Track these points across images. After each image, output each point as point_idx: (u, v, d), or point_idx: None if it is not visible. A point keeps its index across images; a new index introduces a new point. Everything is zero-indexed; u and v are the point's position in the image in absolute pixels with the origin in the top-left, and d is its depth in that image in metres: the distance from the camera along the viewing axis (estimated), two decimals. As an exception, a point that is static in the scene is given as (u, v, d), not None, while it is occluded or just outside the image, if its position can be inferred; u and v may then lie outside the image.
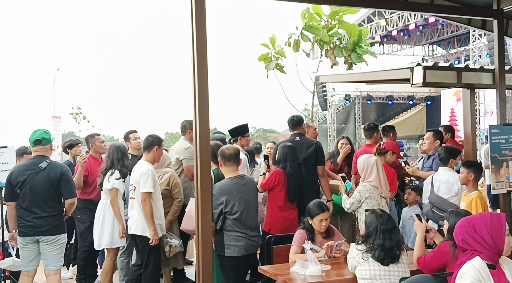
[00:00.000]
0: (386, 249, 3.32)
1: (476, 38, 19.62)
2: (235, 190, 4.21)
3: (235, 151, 4.40)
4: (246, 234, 4.18)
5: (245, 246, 4.17)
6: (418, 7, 5.75)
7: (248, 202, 4.25)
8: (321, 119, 29.11)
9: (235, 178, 4.31)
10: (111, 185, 4.93)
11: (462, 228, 2.70)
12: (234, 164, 4.34)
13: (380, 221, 3.42)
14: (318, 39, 8.91)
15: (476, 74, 5.65)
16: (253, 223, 4.30)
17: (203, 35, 3.92)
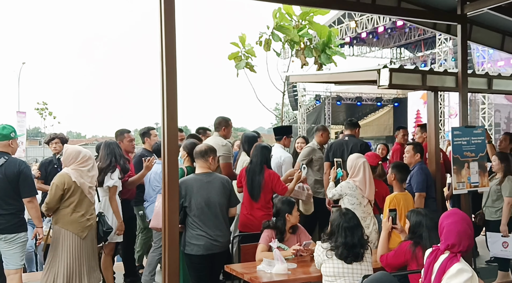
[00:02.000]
0: (348, 247, 3.37)
1: (442, 42, 20.16)
2: (196, 187, 4.12)
3: (205, 148, 4.32)
4: (207, 234, 4.05)
5: (205, 246, 4.05)
6: (385, 10, 5.87)
7: (209, 200, 4.10)
8: (291, 119, 29.34)
9: (200, 174, 4.23)
10: (113, 182, 4.92)
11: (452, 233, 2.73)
12: (202, 161, 4.25)
13: (343, 219, 3.47)
14: (288, 39, 8.99)
15: (440, 77, 5.80)
16: (217, 222, 4.13)
17: (171, 32, 3.87)
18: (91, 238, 4.37)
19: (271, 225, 4.14)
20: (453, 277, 2.57)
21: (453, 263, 2.61)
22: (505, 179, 5.25)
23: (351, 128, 6.07)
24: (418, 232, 3.50)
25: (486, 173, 5.58)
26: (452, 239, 2.66)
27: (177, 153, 4.00)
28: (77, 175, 4.28)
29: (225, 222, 4.25)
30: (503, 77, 6.37)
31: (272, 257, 3.75)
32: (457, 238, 2.66)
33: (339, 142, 6.01)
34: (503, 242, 5.16)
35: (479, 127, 5.65)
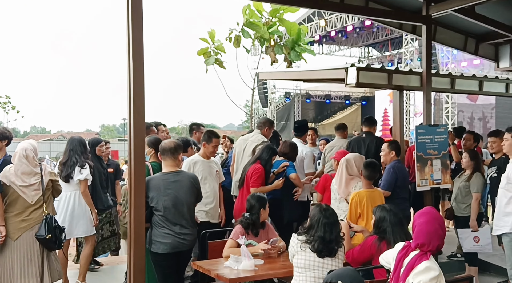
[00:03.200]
0: (325, 242, 3.41)
1: (408, 42, 20.62)
2: (163, 186, 4.05)
3: (171, 145, 4.22)
4: (174, 232, 4.01)
5: (171, 244, 4.01)
6: (353, 9, 5.96)
7: (177, 199, 4.05)
8: (261, 116, 29.40)
9: (167, 174, 4.15)
10: (84, 176, 5.00)
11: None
12: (169, 159, 4.17)
13: (323, 214, 3.50)
14: (258, 35, 9.02)
15: (405, 76, 5.95)
16: (184, 221, 4.09)
17: (139, 26, 3.81)
18: (27, 240, 4.13)
19: (244, 220, 4.15)
20: (420, 273, 2.64)
21: (422, 260, 2.68)
22: (473, 176, 5.37)
23: (368, 126, 6.30)
24: (382, 227, 3.58)
25: (448, 170, 5.76)
26: (422, 239, 2.72)
27: (143, 149, 3.95)
28: (8, 174, 4.13)
29: (192, 220, 4.23)
30: (465, 77, 6.58)
31: (240, 254, 3.75)
32: (427, 238, 2.72)
33: (357, 139, 6.37)
34: (474, 237, 5.29)
35: (442, 126, 5.82)
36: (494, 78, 6.83)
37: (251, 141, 5.75)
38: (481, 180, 5.35)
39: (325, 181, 5.29)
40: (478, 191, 5.30)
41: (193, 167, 4.93)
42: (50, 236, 4.19)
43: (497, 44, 7.30)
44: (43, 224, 4.19)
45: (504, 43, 7.22)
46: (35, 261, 4.16)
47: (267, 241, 4.03)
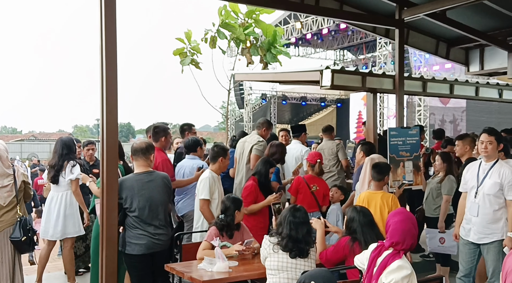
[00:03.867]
0: (293, 240, 3.43)
1: (382, 45, 20.92)
2: (137, 187, 4.00)
3: (143, 146, 4.16)
4: (148, 232, 3.99)
5: (146, 245, 3.98)
6: (328, 12, 6.02)
7: (151, 199, 4.02)
8: (237, 117, 29.40)
9: (141, 174, 4.10)
10: (75, 176, 5.06)
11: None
12: (141, 159, 4.11)
13: (291, 213, 3.54)
14: (234, 37, 8.99)
15: (379, 79, 6.04)
16: (158, 221, 4.06)
17: (112, 26, 3.76)
18: None
19: (219, 222, 4.13)
20: (392, 272, 2.69)
21: (395, 259, 2.73)
22: (445, 178, 5.48)
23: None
24: (352, 227, 3.63)
25: (420, 172, 5.86)
26: (397, 237, 2.78)
27: (116, 150, 3.90)
28: None
29: (166, 220, 4.21)
30: (436, 81, 6.73)
31: (214, 256, 3.73)
32: (402, 236, 2.78)
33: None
34: (440, 238, 5.38)
35: (414, 128, 5.92)
36: (464, 82, 7.00)
37: (248, 142, 5.83)
38: (453, 182, 5.47)
39: (298, 183, 5.25)
40: (449, 193, 5.41)
41: (217, 182, 4.79)
42: (25, 238, 4.15)
43: (468, 48, 7.50)
44: (17, 226, 4.12)
45: (474, 48, 7.42)
46: (6, 263, 4.08)
47: (242, 242, 4.02)
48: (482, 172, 4.25)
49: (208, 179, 4.67)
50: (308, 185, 5.15)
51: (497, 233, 4.16)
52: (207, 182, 4.65)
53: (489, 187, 4.16)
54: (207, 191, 4.60)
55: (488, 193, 4.16)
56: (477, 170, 4.31)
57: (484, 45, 7.16)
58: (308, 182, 5.17)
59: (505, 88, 7.44)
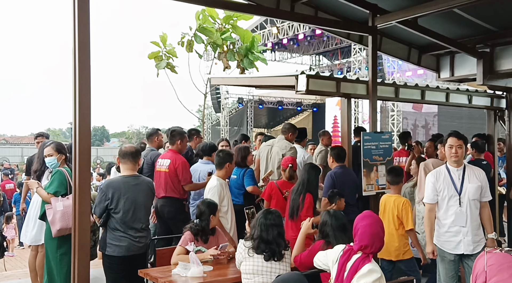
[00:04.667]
0: (264, 241, 3.46)
1: (356, 51, 21.26)
2: (124, 189, 4.10)
3: (132, 150, 4.30)
4: (129, 235, 4.07)
5: (127, 247, 4.07)
6: (303, 18, 6.09)
7: (136, 202, 4.12)
8: (214, 121, 29.32)
9: (127, 177, 4.20)
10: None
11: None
12: (129, 162, 4.22)
13: (263, 215, 3.59)
14: (211, 41, 9.02)
15: (353, 85, 6.12)
16: (140, 224, 4.16)
17: (85, 28, 3.71)
18: None
19: (193, 227, 4.12)
20: (363, 276, 2.72)
21: (365, 263, 2.77)
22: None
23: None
24: (324, 231, 3.67)
25: (392, 176, 5.96)
26: (366, 241, 2.82)
27: (89, 154, 3.84)
28: None
29: (147, 224, 4.30)
30: (408, 87, 6.86)
31: (189, 260, 3.72)
32: (371, 239, 2.82)
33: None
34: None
35: (387, 133, 6.03)
36: (435, 88, 7.15)
37: (277, 147, 5.93)
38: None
39: (271, 189, 5.20)
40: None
41: (225, 188, 4.83)
42: None
43: (438, 55, 7.66)
44: None
45: (444, 54, 7.58)
46: None
47: (217, 247, 4.02)
48: (457, 178, 4.01)
49: (216, 188, 4.71)
50: (281, 191, 5.15)
51: (483, 238, 4.01)
52: (216, 191, 4.69)
53: (474, 192, 3.95)
54: (217, 199, 4.61)
55: (473, 198, 3.96)
56: (449, 177, 4.04)
57: (454, 52, 7.33)
58: (280, 188, 5.17)
59: (474, 94, 7.64)
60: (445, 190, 4.03)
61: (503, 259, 1.90)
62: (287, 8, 5.73)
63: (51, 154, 4.73)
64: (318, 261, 3.16)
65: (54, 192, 4.55)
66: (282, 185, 5.20)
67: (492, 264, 1.90)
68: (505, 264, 1.88)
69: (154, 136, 6.21)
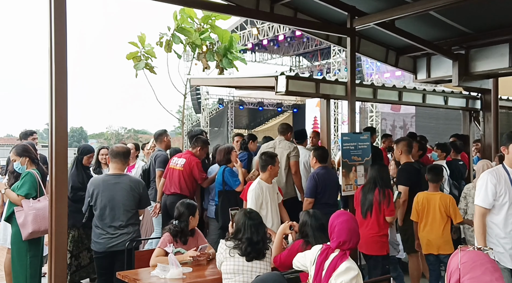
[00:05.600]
0: (253, 243, 3.47)
1: (336, 53, 21.43)
2: (103, 186, 4.27)
3: (124, 150, 4.42)
4: (107, 233, 4.20)
5: (104, 244, 4.21)
6: (282, 19, 6.11)
7: (113, 200, 4.22)
8: (194, 122, 29.18)
9: (109, 175, 4.38)
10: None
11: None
12: (120, 162, 4.36)
13: (248, 217, 3.58)
14: (190, 41, 8.96)
15: (332, 85, 6.18)
16: (119, 222, 4.25)
17: (62, 27, 3.65)
18: None
19: (172, 228, 4.09)
20: (341, 274, 2.76)
21: (343, 261, 2.80)
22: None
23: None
24: (304, 231, 3.69)
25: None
26: (344, 237, 2.86)
27: (66, 155, 3.78)
28: None
29: (129, 222, 4.31)
30: (386, 88, 6.97)
31: (168, 262, 3.69)
32: (348, 235, 2.87)
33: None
34: None
35: (365, 133, 6.10)
36: (412, 89, 7.28)
37: (281, 148, 5.93)
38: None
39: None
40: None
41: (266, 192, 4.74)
42: None
43: (415, 57, 7.79)
44: None
45: (421, 56, 7.72)
46: None
47: (196, 248, 4.00)
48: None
49: (255, 191, 4.67)
50: None
51: None
52: (253, 194, 4.66)
53: None
54: (253, 203, 4.61)
55: None
56: (509, 181, 3.56)
57: (431, 54, 7.47)
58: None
59: (450, 95, 7.80)
60: (506, 195, 3.54)
61: (476, 257, 1.94)
62: (266, 9, 5.75)
63: (14, 159, 4.67)
64: (297, 262, 3.19)
65: (25, 194, 4.48)
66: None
67: (465, 261, 1.94)
68: (478, 261, 1.92)
69: (162, 136, 6.31)
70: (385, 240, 4.78)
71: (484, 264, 1.91)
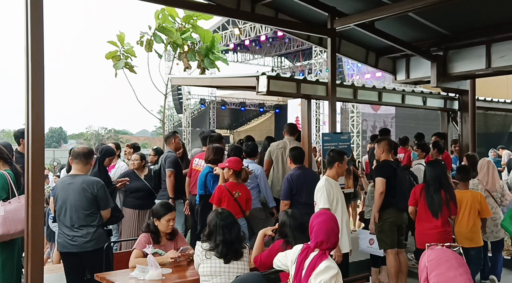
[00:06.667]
0: (228, 244, 3.44)
1: (317, 53, 21.56)
2: (59, 187, 4.28)
3: (85, 150, 4.33)
4: (63, 233, 4.18)
5: (61, 244, 4.19)
6: (264, 19, 6.12)
7: (66, 201, 4.16)
8: (176, 122, 29.03)
9: (67, 176, 4.36)
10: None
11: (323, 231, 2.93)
12: (81, 163, 4.26)
13: (220, 217, 3.55)
14: (171, 41, 8.92)
15: (313, 86, 6.22)
16: (73, 223, 4.15)
17: (39, 26, 3.59)
18: None
19: (152, 229, 4.06)
20: (321, 273, 2.77)
21: (322, 260, 2.81)
22: None
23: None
24: (284, 231, 3.69)
25: (351, 176, 6.08)
26: (321, 237, 2.87)
27: (42, 156, 3.71)
28: None
29: (84, 223, 4.18)
30: (366, 88, 7.03)
31: (147, 263, 3.65)
32: (326, 235, 2.87)
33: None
34: (370, 239, 5.57)
35: (346, 133, 6.15)
36: (392, 90, 7.37)
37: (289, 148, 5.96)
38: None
39: (220, 192, 5.00)
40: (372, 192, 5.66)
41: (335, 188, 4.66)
42: None
43: (395, 58, 7.88)
44: None
45: (400, 57, 7.81)
46: None
47: (176, 249, 3.97)
48: None
49: (325, 187, 4.57)
50: (231, 192, 4.98)
51: None
52: (324, 191, 4.56)
53: None
54: (325, 199, 4.52)
55: None
56: None
57: (410, 55, 7.56)
58: (230, 190, 5.00)
59: (429, 96, 7.92)
60: None
61: (442, 254, 2.01)
62: (247, 9, 5.75)
63: None
64: (278, 262, 3.18)
65: None
66: (232, 187, 5.03)
67: (432, 259, 2.00)
68: (443, 258, 1.98)
69: (171, 138, 6.33)
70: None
71: (449, 260, 1.97)
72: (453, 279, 1.88)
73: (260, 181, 5.71)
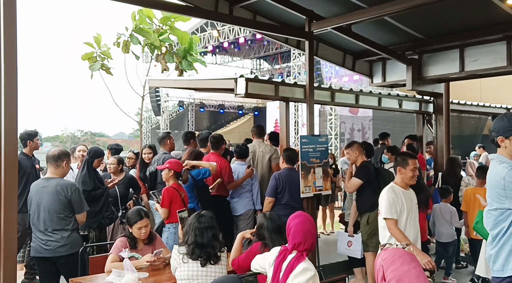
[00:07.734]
0: (199, 246, 3.42)
1: (296, 56, 21.69)
2: (33, 191, 4.25)
3: (55, 153, 4.33)
4: (37, 237, 4.15)
5: (35, 248, 4.18)
6: (242, 21, 6.13)
7: (40, 205, 4.14)
8: (154, 124, 28.77)
9: (41, 179, 4.37)
10: None
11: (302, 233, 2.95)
12: (52, 166, 4.28)
13: (196, 219, 3.54)
14: (148, 42, 8.83)
15: (291, 88, 6.25)
16: (47, 227, 4.11)
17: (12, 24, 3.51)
18: None
19: (129, 233, 4.02)
20: (298, 275, 2.78)
21: (300, 262, 2.83)
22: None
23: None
24: (261, 234, 3.70)
25: (328, 178, 6.13)
26: (299, 238, 2.89)
27: (16, 158, 3.63)
28: None
29: (59, 227, 4.14)
30: (343, 91, 7.11)
31: (123, 268, 3.61)
32: (303, 237, 2.89)
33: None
34: (348, 241, 5.64)
35: (323, 136, 6.19)
36: (368, 93, 7.46)
37: (261, 152, 6.18)
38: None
39: (171, 194, 4.92)
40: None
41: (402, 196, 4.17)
42: None
43: (371, 61, 7.99)
44: None
45: (377, 61, 7.92)
46: None
47: (152, 252, 3.94)
48: None
49: (387, 194, 4.15)
50: (179, 192, 5.01)
51: None
52: (387, 198, 4.11)
53: None
54: (388, 209, 4.09)
55: None
56: None
57: (386, 59, 7.68)
58: (178, 190, 5.02)
59: (404, 99, 8.05)
60: None
61: (395, 252, 2.13)
62: (225, 11, 5.75)
63: None
64: (256, 264, 3.18)
65: None
66: (178, 188, 5.04)
67: (386, 257, 2.12)
68: (397, 255, 2.10)
69: (165, 139, 6.29)
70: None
71: (402, 256, 2.11)
72: (407, 272, 2.01)
73: (254, 183, 5.96)
